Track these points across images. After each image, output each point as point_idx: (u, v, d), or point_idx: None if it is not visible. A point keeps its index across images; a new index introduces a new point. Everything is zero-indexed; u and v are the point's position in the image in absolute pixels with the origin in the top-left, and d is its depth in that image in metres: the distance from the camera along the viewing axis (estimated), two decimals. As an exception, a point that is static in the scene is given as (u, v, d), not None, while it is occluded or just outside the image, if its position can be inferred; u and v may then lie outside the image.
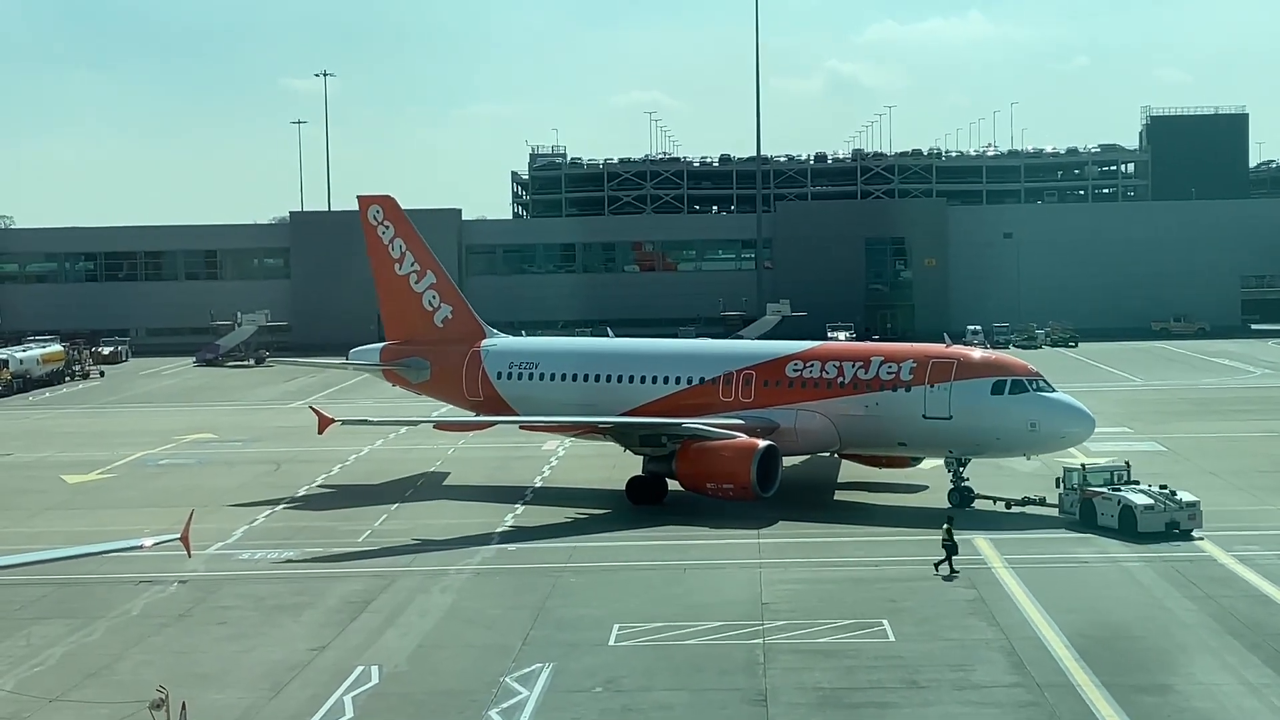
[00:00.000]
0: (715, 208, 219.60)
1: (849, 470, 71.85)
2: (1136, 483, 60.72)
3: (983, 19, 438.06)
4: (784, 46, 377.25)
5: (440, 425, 75.14)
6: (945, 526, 52.80)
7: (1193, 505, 58.23)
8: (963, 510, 62.75)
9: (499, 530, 61.88)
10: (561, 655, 42.92)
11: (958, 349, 68.07)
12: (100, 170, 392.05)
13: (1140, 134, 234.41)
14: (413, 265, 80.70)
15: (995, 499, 64.17)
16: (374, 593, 51.02)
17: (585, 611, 48.07)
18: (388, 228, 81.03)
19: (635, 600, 49.42)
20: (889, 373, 65.49)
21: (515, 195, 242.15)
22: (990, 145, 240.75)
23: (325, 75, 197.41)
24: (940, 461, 66.81)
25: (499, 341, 79.66)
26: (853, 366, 66.74)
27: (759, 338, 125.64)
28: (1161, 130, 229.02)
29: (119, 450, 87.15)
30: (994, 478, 66.96)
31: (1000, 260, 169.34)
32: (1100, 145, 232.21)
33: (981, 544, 56.47)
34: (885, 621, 45.89)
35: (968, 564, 53.22)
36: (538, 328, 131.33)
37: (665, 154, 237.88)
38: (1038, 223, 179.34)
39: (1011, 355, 71.32)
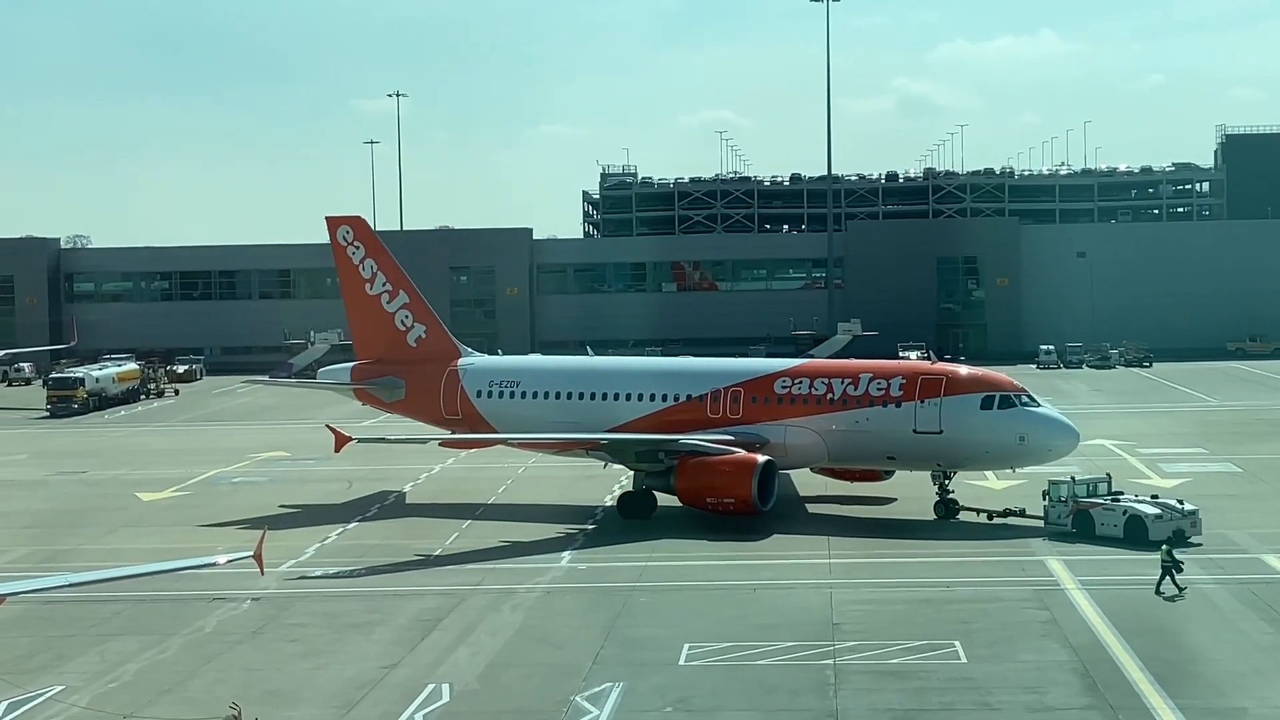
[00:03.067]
0: (785, 227, 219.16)
1: (810, 483, 72.94)
2: (1122, 493, 62.66)
3: (1055, 37, 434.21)
4: (854, 65, 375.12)
5: (445, 443, 75.37)
6: (1165, 548, 52.44)
7: (1194, 513, 60.22)
8: (948, 522, 65.29)
9: (569, 549, 62.07)
10: (632, 675, 42.94)
11: (944, 365, 69.68)
12: (175, 191, 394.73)
13: (1215, 152, 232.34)
14: (384, 285, 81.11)
15: (978, 510, 65.76)
16: (445, 611, 51.22)
17: (655, 631, 48.09)
18: (358, 248, 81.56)
19: (705, 620, 49.44)
20: (878, 389, 66.78)
21: (586, 215, 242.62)
22: (1063, 164, 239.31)
23: (398, 96, 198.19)
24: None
25: (477, 360, 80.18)
26: (842, 383, 67.96)
27: (830, 357, 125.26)
28: (1236, 148, 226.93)
29: (193, 468, 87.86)
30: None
31: (1073, 280, 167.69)
32: (1174, 164, 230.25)
33: (1055, 565, 56.20)
34: (957, 643, 45.68)
35: (1040, 585, 53.00)
36: (609, 346, 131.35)
37: (735, 173, 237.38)
38: (1111, 242, 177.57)
39: (1002, 373, 71.79)
